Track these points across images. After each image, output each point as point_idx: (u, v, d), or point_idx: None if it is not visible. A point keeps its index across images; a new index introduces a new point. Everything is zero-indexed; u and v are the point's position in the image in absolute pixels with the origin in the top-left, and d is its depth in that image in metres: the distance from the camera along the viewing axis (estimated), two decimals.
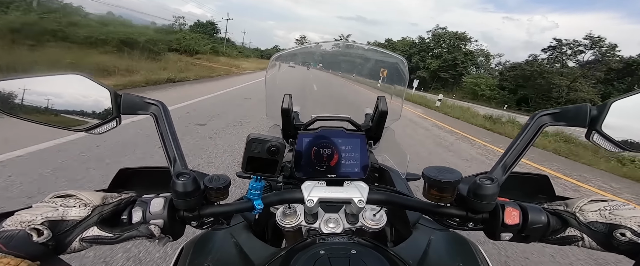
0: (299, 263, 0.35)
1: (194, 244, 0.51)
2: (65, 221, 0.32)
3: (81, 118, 0.42)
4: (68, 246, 0.32)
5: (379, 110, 0.58)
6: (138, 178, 0.49)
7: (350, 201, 0.47)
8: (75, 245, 0.32)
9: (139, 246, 1.55)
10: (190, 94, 6.99)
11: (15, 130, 2.89)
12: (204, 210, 0.41)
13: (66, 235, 0.32)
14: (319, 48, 0.72)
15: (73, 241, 0.32)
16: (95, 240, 0.33)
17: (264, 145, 0.38)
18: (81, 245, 0.32)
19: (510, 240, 0.41)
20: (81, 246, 0.32)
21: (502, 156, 0.43)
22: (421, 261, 0.48)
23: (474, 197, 0.39)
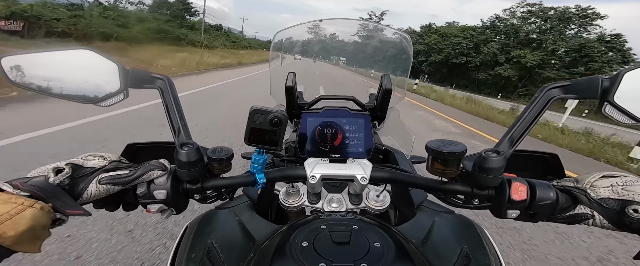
0: (300, 237, 0.36)
1: (198, 223, 0.52)
2: (85, 168, 0.35)
3: (90, 91, 0.43)
4: (85, 190, 0.33)
5: (383, 88, 0.57)
6: (145, 153, 0.50)
7: (353, 178, 0.47)
8: (91, 188, 0.34)
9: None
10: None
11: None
12: (207, 182, 0.41)
13: (84, 178, 0.34)
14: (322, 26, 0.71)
15: (90, 184, 0.34)
16: (111, 180, 0.35)
17: (267, 117, 0.39)
18: (97, 188, 0.34)
19: (516, 218, 0.40)
20: (97, 190, 0.34)
21: (508, 130, 0.42)
22: (424, 241, 0.47)
23: (479, 171, 0.38)
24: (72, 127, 3.04)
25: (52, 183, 0.31)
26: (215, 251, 0.44)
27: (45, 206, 0.28)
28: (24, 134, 2.68)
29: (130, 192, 0.38)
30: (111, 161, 0.37)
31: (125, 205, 0.41)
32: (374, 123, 0.64)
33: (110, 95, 0.43)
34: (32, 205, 0.27)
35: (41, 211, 0.28)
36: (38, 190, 0.29)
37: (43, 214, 0.28)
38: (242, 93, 6.93)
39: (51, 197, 0.30)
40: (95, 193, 0.34)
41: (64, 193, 0.31)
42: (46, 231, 0.29)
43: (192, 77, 8.85)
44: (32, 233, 0.27)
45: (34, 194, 0.29)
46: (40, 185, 0.30)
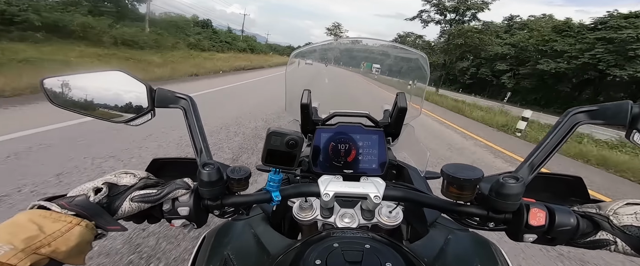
0: (313, 254, 0.36)
1: (215, 234, 0.53)
2: (118, 186, 0.38)
3: (120, 111, 0.46)
4: (119, 207, 0.36)
5: (398, 106, 0.58)
6: (168, 168, 0.53)
7: (366, 196, 0.47)
8: (125, 205, 0.37)
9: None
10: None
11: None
12: (226, 199, 0.43)
13: (118, 196, 0.37)
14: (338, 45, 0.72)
15: (124, 202, 0.37)
16: (142, 199, 0.37)
17: (283, 138, 0.40)
18: (130, 205, 0.37)
19: (534, 242, 0.40)
20: (130, 207, 0.37)
21: (529, 155, 0.41)
22: (437, 259, 0.47)
23: (496, 196, 0.38)
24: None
25: (93, 202, 0.34)
26: (232, 262, 0.45)
27: (89, 224, 0.31)
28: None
29: (157, 208, 0.41)
30: (140, 178, 0.40)
31: (150, 219, 0.43)
32: (388, 139, 0.65)
33: (139, 115, 0.46)
34: (79, 223, 0.30)
35: (86, 228, 0.31)
36: (82, 209, 0.32)
37: (88, 231, 0.31)
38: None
39: (93, 215, 0.33)
40: (129, 209, 0.37)
41: (103, 211, 0.34)
42: (89, 245, 0.32)
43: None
44: (78, 248, 0.30)
45: (79, 213, 0.32)
46: (83, 205, 0.33)
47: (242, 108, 5.35)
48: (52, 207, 0.31)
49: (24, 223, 0.28)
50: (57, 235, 0.28)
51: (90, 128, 3.15)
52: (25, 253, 0.26)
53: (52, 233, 0.28)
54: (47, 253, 0.27)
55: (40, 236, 0.27)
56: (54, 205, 0.31)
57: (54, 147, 2.60)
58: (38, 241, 0.27)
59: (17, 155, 2.36)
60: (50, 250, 0.27)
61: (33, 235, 0.27)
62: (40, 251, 0.27)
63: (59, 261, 0.29)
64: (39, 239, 0.27)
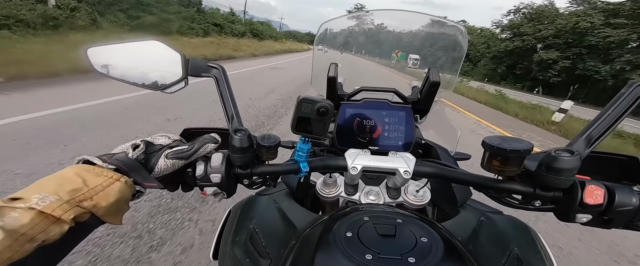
0: (343, 227, 0.35)
1: (240, 207, 0.54)
2: (155, 144, 0.40)
3: (157, 79, 0.47)
4: (155, 165, 0.38)
5: (430, 81, 0.54)
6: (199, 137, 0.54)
7: (395, 171, 0.46)
8: (161, 162, 0.38)
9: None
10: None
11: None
12: (256, 168, 0.44)
13: (154, 154, 0.38)
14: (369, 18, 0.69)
15: (159, 159, 0.38)
16: (176, 155, 0.39)
17: (314, 106, 0.39)
18: (165, 162, 0.38)
19: (586, 223, 0.36)
20: (165, 165, 0.38)
21: (586, 127, 0.37)
22: (470, 240, 0.45)
23: (546, 171, 0.35)
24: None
25: (131, 158, 0.35)
26: (257, 236, 0.45)
27: (128, 181, 0.32)
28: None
29: (190, 174, 0.42)
30: (175, 140, 0.42)
31: (184, 186, 0.45)
32: (416, 116, 0.62)
33: (173, 83, 0.47)
34: (119, 179, 0.31)
35: (125, 184, 0.32)
36: (122, 164, 0.33)
37: (126, 187, 0.32)
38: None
39: (132, 170, 0.34)
40: (164, 167, 0.38)
41: (141, 167, 0.35)
42: (127, 204, 0.33)
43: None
44: (117, 205, 0.31)
45: (119, 168, 0.33)
46: (123, 160, 0.34)
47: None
48: (95, 161, 0.32)
49: (70, 176, 0.29)
50: (98, 189, 0.29)
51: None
52: (70, 205, 0.27)
53: (95, 187, 0.29)
54: (89, 207, 0.28)
55: (83, 189, 0.28)
56: (97, 159, 0.33)
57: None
58: (81, 194, 0.28)
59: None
60: (92, 204, 0.28)
61: (77, 187, 0.28)
62: (83, 204, 0.28)
63: (99, 218, 0.30)
64: (82, 192, 0.28)
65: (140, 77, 0.47)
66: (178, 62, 0.46)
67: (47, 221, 0.25)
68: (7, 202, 0.25)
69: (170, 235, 1.54)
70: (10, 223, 0.24)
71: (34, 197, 0.26)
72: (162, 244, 1.47)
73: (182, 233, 1.57)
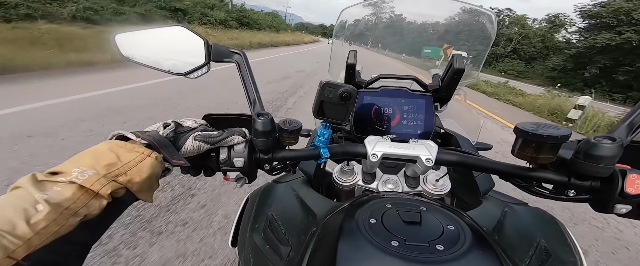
0: (366, 214, 0.35)
1: (258, 194, 0.55)
2: (183, 126, 0.41)
3: (181, 64, 0.48)
4: (183, 144, 0.39)
5: (454, 67, 0.53)
6: (220, 123, 0.55)
7: (417, 159, 0.45)
8: (188, 143, 0.39)
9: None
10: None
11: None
12: (277, 153, 0.44)
13: (183, 134, 0.39)
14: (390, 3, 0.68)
15: (187, 140, 0.39)
16: (204, 138, 0.39)
17: (337, 90, 0.39)
18: (193, 144, 0.39)
19: (625, 214, 0.34)
20: (192, 146, 0.39)
21: (629, 113, 0.35)
22: (495, 231, 0.44)
23: (584, 158, 0.33)
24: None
25: (162, 136, 0.36)
26: (276, 223, 0.45)
27: (159, 156, 0.33)
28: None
29: (213, 158, 0.43)
30: (201, 124, 0.43)
31: (207, 171, 0.46)
32: (436, 105, 0.60)
33: (196, 69, 0.48)
34: (150, 154, 0.32)
35: (156, 160, 0.32)
36: (153, 140, 0.34)
37: (157, 163, 0.33)
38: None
39: (162, 147, 0.35)
40: (191, 148, 0.39)
41: (170, 144, 0.36)
42: (157, 181, 0.34)
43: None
44: (149, 181, 0.32)
45: (151, 143, 0.34)
46: (155, 136, 0.35)
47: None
48: (129, 135, 0.33)
49: (105, 151, 0.30)
50: (132, 165, 0.30)
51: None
52: (107, 179, 0.27)
53: (128, 163, 0.30)
54: (124, 182, 0.29)
55: (118, 164, 0.29)
56: (131, 134, 0.34)
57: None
58: (116, 169, 0.29)
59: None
60: (126, 179, 0.29)
61: (112, 162, 0.29)
62: (119, 179, 0.28)
63: (133, 194, 0.30)
64: (117, 167, 0.29)
65: (164, 62, 0.48)
66: (201, 47, 0.47)
67: (87, 196, 0.26)
68: (48, 176, 0.26)
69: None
70: (55, 197, 0.24)
71: (73, 170, 0.26)
72: None
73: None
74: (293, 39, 25.96)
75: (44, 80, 4.09)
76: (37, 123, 2.56)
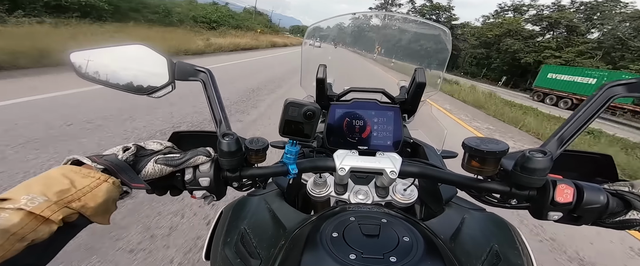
0: (329, 227, 0.36)
1: (232, 208, 0.55)
2: (146, 149, 0.40)
3: (143, 83, 0.47)
4: (144, 168, 0.38)
5: (416, 81, 0.56)
6: (188, 140, 0.54)
7: (382, 171, 0.47)
8: (149, 166, 0.38)
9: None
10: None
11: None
12: (244, 171, 0.44)
13: (144, 158, 0.39)
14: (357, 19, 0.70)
15: (149, 163, 0.38)
16: (166, 161, 0.39)
17: (301, 109, 0.40)
18: (154, 167, 0.38)
19: (558, 220, 0.38)
20: (153, 169, 0.38)
21: (558, 128, 0.39)
22: (453, 237, 0.47)
23: (521, 171, 0.36)
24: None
25: (121, 160, 0.36)
26: (248, 236, 0.46)
27: (116, 181, 0.33)
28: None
29: (178, 178, 0.42)
30: (166, 147, 0.42)
31: (173, 190, 0.45)
32: (404, 116, 0.63)
33: (160, 87, 0.47)
34: (107, 179, 0.32)
35: (113, 185, 0.32)
36: (110, 164, 0.34)
37: (114, 188, 0.32)
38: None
39: (120, 171, 0.34)
40: (152, 171, 0.38)
41: (129, 168, 0.36)
42: (115, 204, 0.34)
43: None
44: (105, 205, 0.31)
45: (107, 168, 0.33)
46: (112, 160, 0.34)
47: None
48: (84, 160, 0.33)
49: (57, 177, 0.29)
50: (86, 191, 0.30)
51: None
52: (58, 206, 0.27)
53: (82, 188, 0.29)
54: (77, 208, 0.28)
55: (71, 190, 0.29)
56: (86, 159, 0.33)
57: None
58: (69, 195, 0.28)
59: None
60: (80, 205, 0.29)
61: (65, 188, 0.28)
62: (72, 205, 0.28)
63: (87, 218, 0.30)
64: (71, 193, 0.28)
65: (125, 81, 0.47)
66: (164, 65, 0.46)
67: (36, 222, 0.26)
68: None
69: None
70: (1, 223, 0.24)
71: (22, 198, 0.26)
72: None
73: None
74: (269, 40, 22.69)
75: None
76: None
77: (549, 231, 2.12)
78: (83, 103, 3.24)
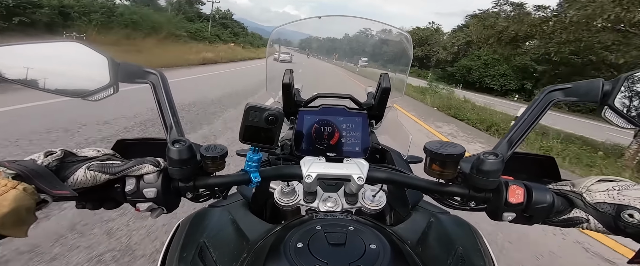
0: (295, 237, 0.35)
1: (190, 221, 0.51)
2: (77, 156, 0.35)
3: (78, 85, 0.41)
4: (72, 174, 0.33)
5: (381, 87, 0.57)
6: (135, 149, 0.49)
7: (350, 178, 0.46)
8: (79, 173, 0.33)
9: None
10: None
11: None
12: (200, 181, 0.40)
13: (74, 163, 0.34)
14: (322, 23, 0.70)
15: (78, 169, 0.33)
16: (101, 168, 0.34)
17: (262, 114, 0.38)
18: (85, 173, 0.33)
19: (512, 220, 0.40)
20: (84, 176, 0.33)
21: (508, 132, 0.42)
22: (419, 242, 0.47)
23: (477, 173, 0.38)
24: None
25: (40, 165, 0.30)
26: (208, 250, 0.43)
27: (28, 188, 0.28)
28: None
29: (118, 190, 0.37)
30: (104, 154, 0.37)
31: (109, 203, 0.39)
32: (372, 122, 0.64)
33: (99, 90, 0.42)
34: (15, 186, 0.27)
35: (24, 192, 0.27)
36: (24, 170, 0.29)
37: (26, 196, 0.27)
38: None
39: (36, 177, 0.29)
40: (82, 179, 0.33)
41: (50, 173, 0.31)
42: (32, 215, 0.28)
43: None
44: (16, 215, 0.26)
45: (19, 174, 0.28)
46: (27, 165, 0.29)
47: None
48: None
49: None
50: None
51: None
52: None
53: None
54: None
55: None
56: None
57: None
58: None
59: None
60: None
61: None
62: None
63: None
64: None
65: (58, 83, 0.41)
66: (104, 66, 0.41)
67: None
68: None
69: None
70: None
71: None
72: None
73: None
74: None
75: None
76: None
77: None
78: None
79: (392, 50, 0.70)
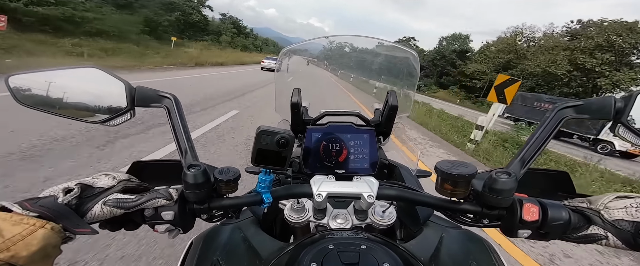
0: (308, 257, 0.35)
1: (203, 238, 0.51)
2: (94, 187, 0.36)
3: (96, 110, 0.43)
4: (89, 210, 0.33)
5: (388, 104, 0.57)
6: (150, 171, 0.50)
7: (360, 196, 0.46)
8: (97, 208, 0.34)
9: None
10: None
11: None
12: (214, 202, 0.41)
13: (92, 198, 0.34)
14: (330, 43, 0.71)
15: (96, 204, 0.34)
16: (116, 203, 0.35)
17: (273, 137, 0.38)
18: (102, 209, 0.34)
19: (528, 237, 0.39)
20: (101, 211, 0.34)
21: (520, 150, 0.42)
22: (432, 258, 0.46)
23: (489, 192, 0.37)
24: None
25: (61, 204, 0.31)
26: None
27: (55, 227, 0.29)
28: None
29: (137, 213, 0.38)
30: (120, 181, 0.37)
31: (129, 225, 0.40)
32: (379, 138, 0.64)
33: (117, 115, 0.43)
34: (43, 225, 0.28)
35: (52, 231, 0.28)
36: (47, 210, 0.29)
37: (54, 234, 0.28)
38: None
39: (60, 217, 0.30)
40: (99, 214, 0.34)
41: (72, 212, 0.32)
42: (57, 249, 0.30)
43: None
44: (43, 252, 0.28)
45: (43, 215, 0.29)
46: (49, 205, 0.30)
47: None
48: (13, 208, 0.29)
49: None
50: (17, 239, 0.26)
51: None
52: None
53: (12, 237, 0.26)
54: (5, 259, 0.25)
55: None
56: (15, 206, 0.29)
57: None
58: None
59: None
60: (9, 255, 0.25)
61: None
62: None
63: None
64: None
65: (76, 108, 0.42)
66: (121, 90, 0.42)
67: None
68: None
69: None
70: None
71: None
72: None
73: None
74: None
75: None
76: None
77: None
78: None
79: (400, 68, 0.71)
